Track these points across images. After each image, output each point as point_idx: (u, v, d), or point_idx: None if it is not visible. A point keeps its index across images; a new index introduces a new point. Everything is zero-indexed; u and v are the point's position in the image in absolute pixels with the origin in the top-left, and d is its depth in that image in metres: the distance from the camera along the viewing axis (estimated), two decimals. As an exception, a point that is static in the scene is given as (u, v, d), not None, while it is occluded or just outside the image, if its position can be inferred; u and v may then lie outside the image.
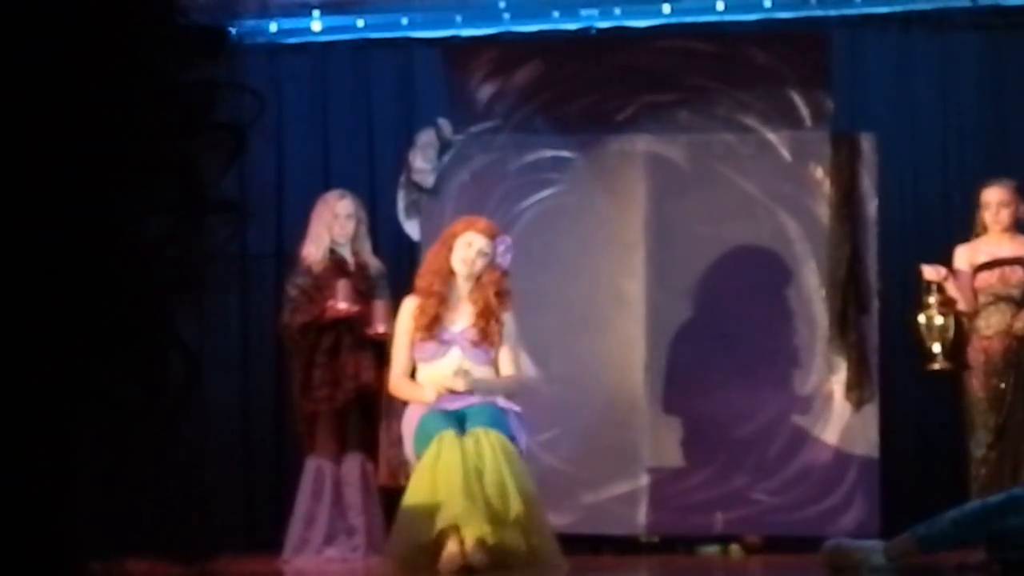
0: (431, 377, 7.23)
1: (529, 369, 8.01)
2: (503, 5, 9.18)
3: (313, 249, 8.03)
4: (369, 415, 7.96)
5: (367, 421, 7.98)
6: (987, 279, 8.07)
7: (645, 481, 8.25)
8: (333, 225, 8.03)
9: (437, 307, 7.26)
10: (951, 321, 8.03)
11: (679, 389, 8.29)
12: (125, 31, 0.77)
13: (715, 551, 8.27)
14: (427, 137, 8.47)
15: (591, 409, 8.28)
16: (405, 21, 9.34)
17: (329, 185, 8.65)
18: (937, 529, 6.50)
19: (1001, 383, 7.99)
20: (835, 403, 8.24)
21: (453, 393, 7.15)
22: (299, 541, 7.97)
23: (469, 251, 7.26)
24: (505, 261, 7.34)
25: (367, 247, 8.18)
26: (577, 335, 8.28)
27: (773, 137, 8.43)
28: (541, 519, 7.02)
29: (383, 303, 7.95)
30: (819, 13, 9.09)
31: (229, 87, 0.82)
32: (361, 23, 9.36)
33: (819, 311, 8.30)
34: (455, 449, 6.88)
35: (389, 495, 7.68)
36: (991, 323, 8.05)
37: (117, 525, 0.81)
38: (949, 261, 8.13)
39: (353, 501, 7.95)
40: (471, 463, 6.84)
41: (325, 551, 7.94)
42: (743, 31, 9.00)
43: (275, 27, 9.11)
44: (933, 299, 8.02)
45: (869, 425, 8.21)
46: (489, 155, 8.53)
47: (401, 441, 7.43)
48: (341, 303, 7.85)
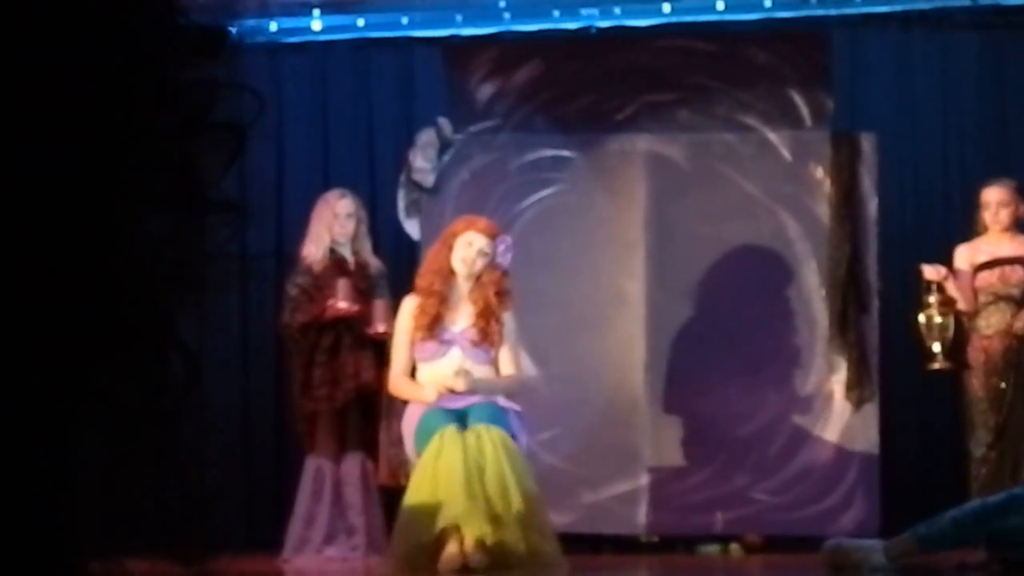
0: (431, 377, 7.22)
1: (529, 369, 8.00)
2: (503, 4, 9.18)
3: (313, 248, 8.03)
4: (369, 414, 7.96)
5: (367, 420, 7.97)
6: (987, 278, 8.07)
7: (645, 480, 8.25)
8: (333, 224, 8.03)
9: (438, 307, 7.25)
10: (951, 321, 8.03)
11: (679, 389, 8.29)
12: (126, 31, 0.77)
13: (715, 551, 8.27)
14: (427, 136, 8.47)
15: (591, 408, 8.28)
16: (405, 20, 9.34)
17: (329, 184, 8.65)
18: (937, 529, 6.50)
19: (1001, 382, 7.99)
20: (835, 403, 8.24)
21: (453, 393, 7.15)
22: (299, 540, 7.97)
23: (469, 251, 7.25)
24: (505, 261, 7.33)
25: (367, 246, 8.18)
26: (577, 335, 8.28)
27: (773, 137, 8.43)
28: (542, 517, 7.01)
29: (383, 302, 7.94)
30: (819, 13, 9.09)
31: (229, 87, 0.82)
32: (361, 22, 9.36)
33: (819, 311, 8.30)
34: (457, 444, 6.88)
35: (389, 494, 7.68)
36: (991, 323, 8.04)
37: (117, 525, 0.81)
38: (949, 261, 8.13)
39: (353, 501, 7.95)
40: (472, 459, 6.83)
41: (325, 550, 7.94)
42: (743, 30, 9.00)
43: (275, 26, 9.11)
44: (933, 299, 8.01)
45: (869, 425, 8.21)
46: (489, 154, 8.53)
47: (401, 441, 7.43)
48: (341, 302, 7.85)
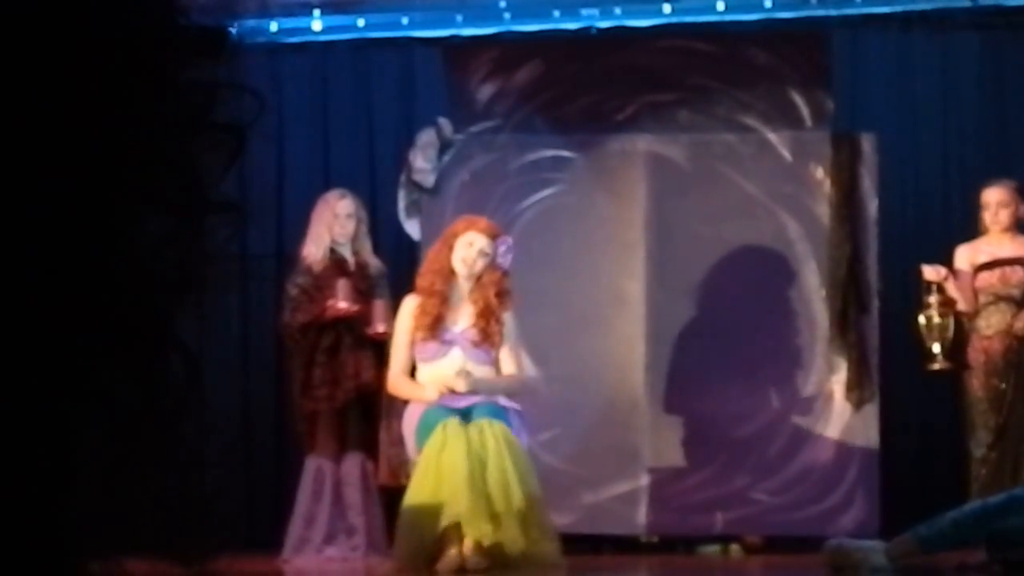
0: (432, 377, 7.22)
1: (529, 369, 8.00)
2: (503, 5, 9.18)
3: (313, 249, 8.02)
4: (369, 414, 7.96)
5: (367, 421, 7.97)
6: (987, 279, 8.07)
7: (645, 481, 8.25)
8: (333, 225, 8.03)
9: (439, 307, 7.25)
10: (951, 321, 8.03)
11: (679, 389, 8.28)
12: (126, 31, 0.77)
13: (715, 551, 8.27)
14: (427, 137, 8.46)
15: (591, 409, 8.28)
16: (405, 21, 9.33)
17: (329, 185, 8.65)
18: (937, 530, 6.50)
19: (1001, 383, 7.99)
20: (835, 403, 8.24)
21: (454, 393, 7.14)
22: (299, 540, 7.97)
23: (470, 251, 7.25)
24: (506, 261, 7.33)
25: (367, 247, 8.18)
26: (577, 335, 8.28)
27: (773, 137, 8.43)
28: (542, 515, 7.00)
29: (383, 303, 7.94)
30: (820, 13, 9.09)
31: (229, 87, 0.82)
32: (361, 23, 9.36)
33: (819, 311, 8.29)
34: (460, 437, 6.87)
35: (389, 495, 7.68)
36: (991, 323, 8.04)
37: (117, 525, 0.81)
38: (949, 261, 8.13)
39: (353, 501, 7.95)
40: (475, 453, 6.83)
41: (325, 550, 7.94)
42: (744, 31, 9.00)
43: (275, 26, 9.11)
44: (933, 299, 8.01)
45: (869, 425, 8.21)
46: (489, 155, 8.53)
47: (402, 441, 7.43)
48: (341, 302, 7.85)
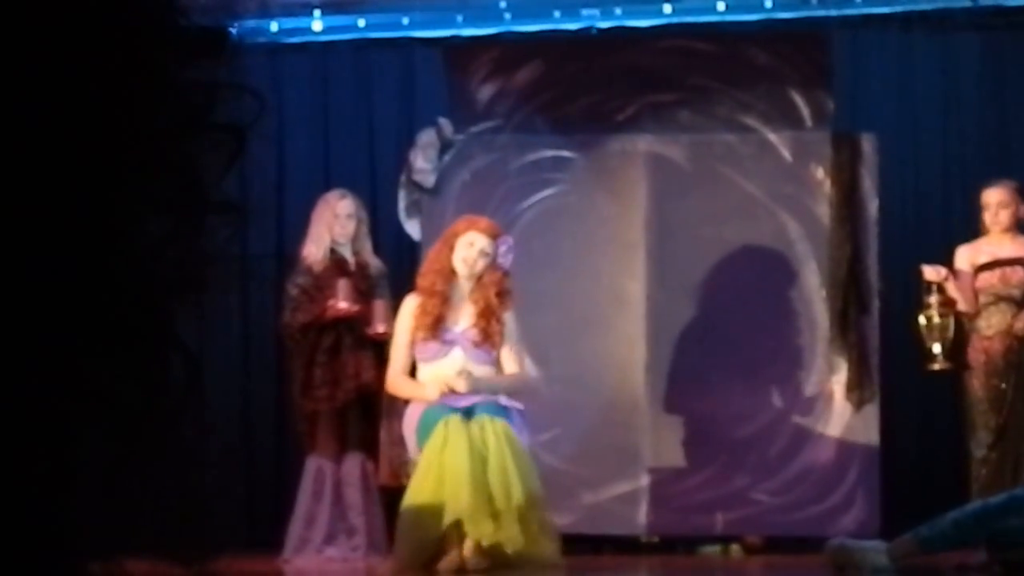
0: (433, 377, 7.21)
1: (530, 369, 8.00)
2: (504, 5, 9.18)
3: (314, 249, 8.03)
4: (369, 415, 7.96)
5: (367, 421, 7.97)
6: (988, 279, 8.07)
7: (646, 481, 8.25)
8: (334, 225, 8.03)
9: (440, 307, 7.24)
10: (951, 321, 8.03)
11: (680, 389, 8.29)
12: (125, 31, 0.77)
13: (715, 551, 8.27)
14: (428, 137, 8.47)
15: (592, 409, 8.28)
16: (406, 21, 9.33)
17: (330, 185, 8.65)
18: (938, 530, 6.50)
19: (1002, 383, 7.99)
20: (836, 403, 8.24)
21: (455, 393, 7.14)
22: (299, 541, 7.97)
23: (471, 251, 7.25)
24: (507, 261, 7.33)
25: (368, 247, 8.18)
26: (578, 335, 8.28)
27: (774, 137, 8.43)
28: (542, 512, 6.99)
29: (383, 303, 7.95)
30: (820, 13, 9.09)
31: (230, 87, 0.82)
32: (362, 23, 9.36)
33: (820, 311, 8.29)
34: (462, 433, 6.87)
35: (390, 495, 7.68)
36: (992, 323, 8.04)
37: (117, 525, 0.81)
38: (950, 261, 8.13)
39: (353, 501, 7.95)
40: (477, 449, 6.83)
41: (325, 551, 7.94)
42: (744, 31, 9.00)
43: (276, 27, 9.11)
44: (933, 299, 8.01)
45: (870, 425, 8.21)
46: (490, 155, 8.53)
47: (402, 441, 7.43)
48: (342, 302, 7.85)
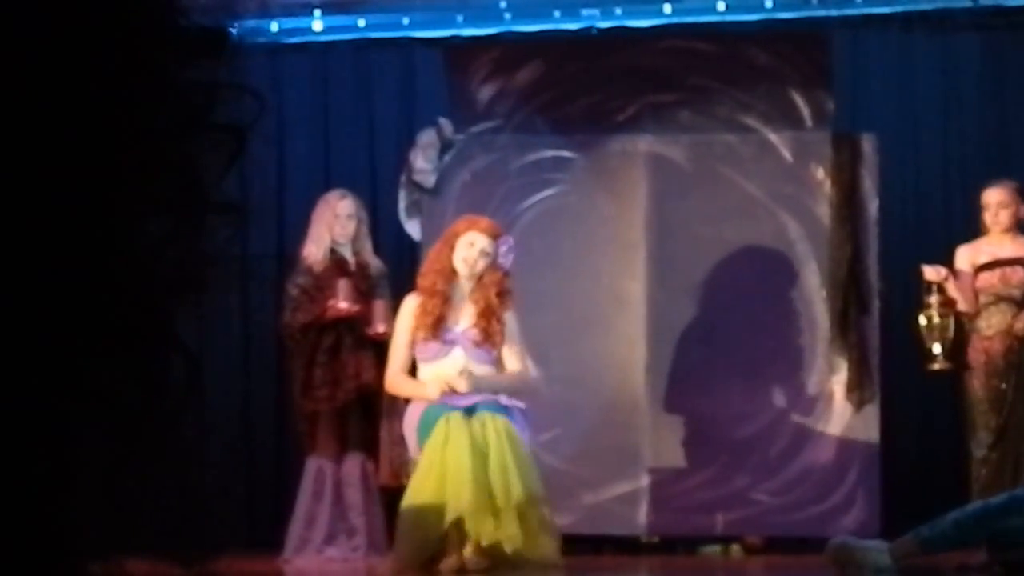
0: (434, 376, 7.21)
1: (531, 368, 8.00)
2: (504, 5, 9.18)
3: (314, 249, 8.03)
4: (370, 415, 7.96)
5: (368, 421, 7.97)
6: (988, 279, 8.07)
7: (646, 481, 8.25)
8: (334, 225, 8.03)
9: (440, 307, 7.24)
10: (951, 321, 8.03)
11: (680, 389, 8.28)
12: (125, 31, 0.77)
13: (716, 551, 8.27)
14: (428, 137, 8.46)
15: (592, 409, 8.28)
16: (406, 21, 9.33)
17: (330, 185, 8.65)
18: (939, 530, 6.50)
19: (1002, 383, 7.98)
20: (836, 403, 8.24)
21: (456, 393, 7.13)
22: (300, 541, 7.97)
23: (471, 251, 7.25)
24: (507, 261, 7.33)
25: (368, 247, 8.18)
26: (578, 335, 8.28)
27: (774, 137, 8.43)
28: (542, 510, 6.98)
29: (383, 303, 7.95)
30: (820, 13, 9.08)
31: (230, 87, 0.82)
32: (362, 23, 9.36)
33: (820, 311, 8.29)
34: (463, 429, 6.86)
35: (390, 495, 7.67)
36: (992, 323, 8.04)
37: (117, 526, 0.81)
38: (950, 261, 8.13)
39: (354, 501, 7.95)
40: (478, 446, 6.83)
41: (325, 551, 7.94)
42: (744, 31, 8.99)
43: (276, 27, 9.11)
44: (934, 299, 8.01)
45: (870, 425, 8.21)
46: (490, 155, 8.53)
47: (403, 440, 7.42)
48: (342, 303, 7.85)
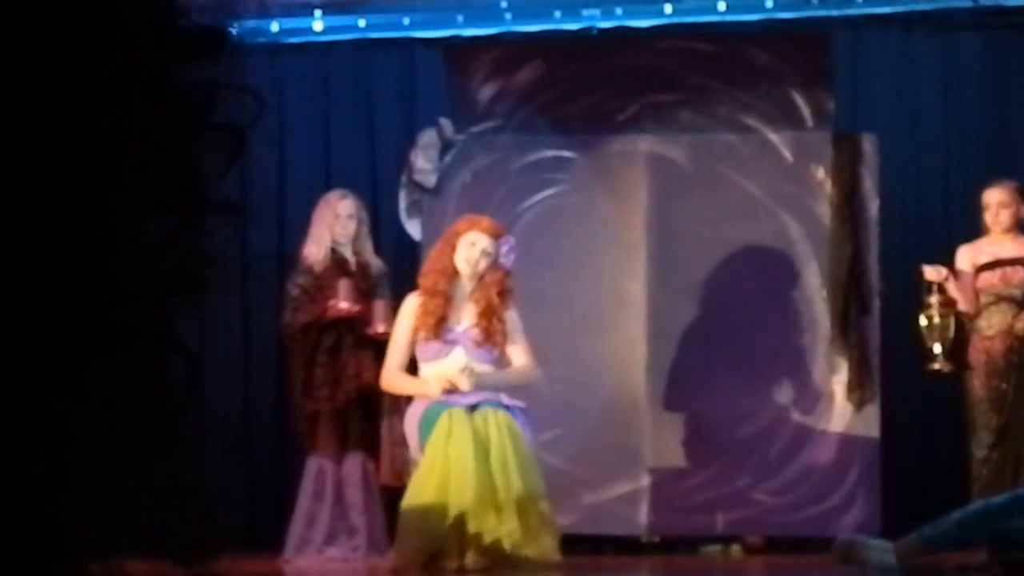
0: (436, 376, 7.20)
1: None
2: (504, 5, 9.18)
3: (314, 249, 8.03)
4: (370, 414, 7.96)
5: (368, 420, 7.97)
6: (989, 279, 8.07)
7: (646, 481, 8.25)
8: (334, 225, 8.03)
9: (442, 307, 7.23)
10: (952, 321, 8.03)
11: (680, 389, 8.28)
12: (126, 31, 0.77)
13: (716, 551, 8.27)
14: (429, 137, 8.46)
15: (592, 409, 8.28)
16: (407, 21, 9.33)
17: (330, 185, 8.65)
18: (942, 530, 6.51)
19: (1002, 383, 7.98)
20: (836, 403, 8.24)
21: (457, 391, 7.12)
22: (300, 541, 7.97)
23: (473, 251, 7.24)
24: (508, 261, 7.33)
25: (368, 247, 8.18)
26: (578, 335, 8.28)
27: (775, 137, 8.43)
28: (541, 506, 6.97)
29: (384, 303, 7.95)
30: (821, 13, 9.08)
31: (230, 87, 0.82)
32: (363, 23, 9.36)
33: (820, 311, 8.29)
34: (466, 424, 6.86)
35: (391, 494, 7.67)
36: (992, 323, 8.04)
37: (117, 526, 0.81)
38: (950, 261, 8.13)
39: (354, 501, 7.95)
40: (480, 441, 6.83)
41: (326, 551, 7.94)
42: (745, 31, 8.99)
43: (276, 27, 9.11)
44: (934, 299, 8.01)
45: (870, 425, 8.21)
46: (491, 155, 8.53)
47: (404, 440, 7.42)
48: (342, 302, 7.85)
